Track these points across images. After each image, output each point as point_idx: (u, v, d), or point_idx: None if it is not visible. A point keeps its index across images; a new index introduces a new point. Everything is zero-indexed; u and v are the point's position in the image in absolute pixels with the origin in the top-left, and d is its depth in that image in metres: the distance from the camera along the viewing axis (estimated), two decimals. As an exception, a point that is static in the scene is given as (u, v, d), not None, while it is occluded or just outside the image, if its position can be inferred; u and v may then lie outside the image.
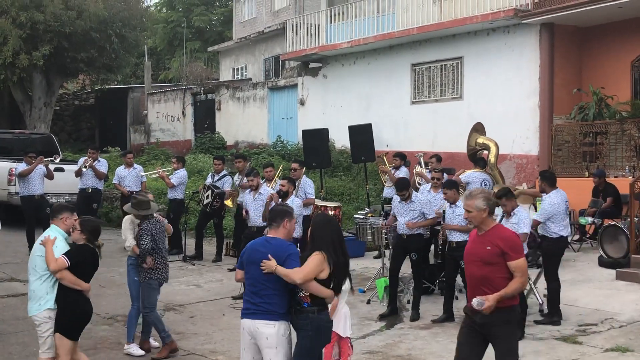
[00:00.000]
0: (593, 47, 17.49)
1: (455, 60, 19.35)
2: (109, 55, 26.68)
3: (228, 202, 14.28)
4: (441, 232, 10.64)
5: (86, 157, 15.48)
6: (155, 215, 8.81)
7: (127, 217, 8.97)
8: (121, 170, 15.52)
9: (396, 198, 10.71)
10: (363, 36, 21.40)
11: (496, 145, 13.98)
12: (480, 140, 14.28)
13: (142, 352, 8.55)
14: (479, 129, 14.59)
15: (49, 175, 14.89)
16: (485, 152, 14.02)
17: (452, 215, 10.13)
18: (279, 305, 5.86)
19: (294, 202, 11.20)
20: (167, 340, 8.49)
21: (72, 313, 6.80)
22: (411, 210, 10.39)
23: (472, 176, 12.48)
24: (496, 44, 18.20)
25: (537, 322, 9.83)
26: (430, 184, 11.99)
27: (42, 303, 6.82)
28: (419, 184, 13.17)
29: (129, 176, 15.33)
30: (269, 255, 5.85)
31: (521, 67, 17.62)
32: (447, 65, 19.58)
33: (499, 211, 10.38)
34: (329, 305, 6.21)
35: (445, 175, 13.84)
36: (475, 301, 5.79)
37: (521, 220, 9.43)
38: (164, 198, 16.74)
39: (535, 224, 10.01)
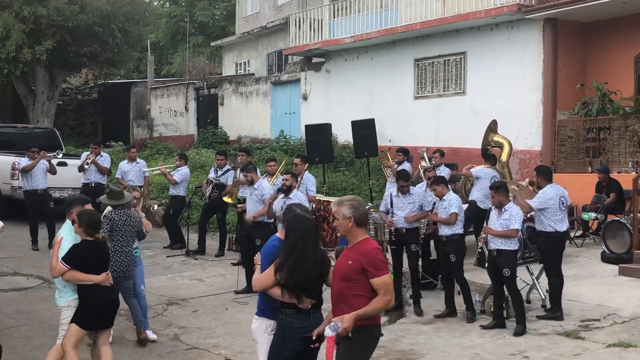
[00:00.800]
0: (597, 43, 17.45)
1: (458, 55, 19.32)
2: (112, 49, 26.69)
3: (227, 199, 14.22)
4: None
5: (88, 153, 15.51)
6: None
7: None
8: (124, 164, 15.53)
9: (392, 193, 10.73)
10: (366, 31, 21.37)
11: (510, 144, 14.06)
12: (496, 138, 14.37)
13: None
14: (493, 127, 14.65)
15: (52, 170, 14.92)
16: (497, 149, 14.06)
17: (440, 210, 10.20)
18: (264, 302, 5.98)
19: (297, 196, 11.18)
20: None
21: (91, 306, 6.87)
22: (410, 203, 10.43)
23: (482, 172, 12.53)
24: (499, 39, 18.17)
25: (539, 317, 9.84)
26: (425, 182, 12.02)
27: (61, 294, 7.01)
28: (429, 178, 13.12)
29: (132, 171, 15.34)
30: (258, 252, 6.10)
31: (524, 63, 17.60)
32: (450, 61, 19.55)
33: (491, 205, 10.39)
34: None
35: (448, 170, 13.89)
36: (327, 329, 5.37)
37: (512, 216, 9.40)
38: (166, 193, 16.75)
39: (528, 209, 9.96)
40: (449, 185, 11.07)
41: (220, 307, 10.68)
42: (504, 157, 13.81)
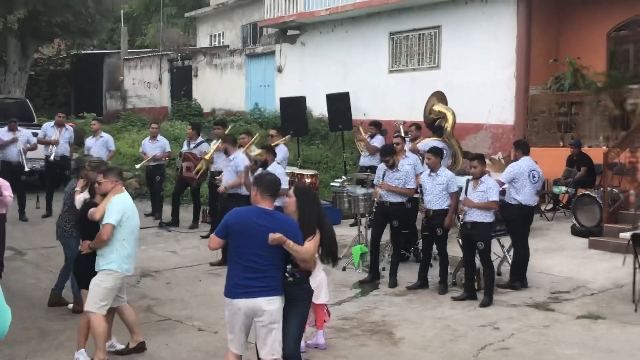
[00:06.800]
0: (570, 18, 17.54)
1: (433, 29, 19.31)
2: (85, 19, 26.34)
3: (204, 160, 13.96)
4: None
5: (52, 125, 15.27)
6: None
7: None
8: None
9: (381, 166, 10.70)
10: (341, 4, 21.25)
11: (453, 114, 13.72)
12: (437, 108, 14.04)
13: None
14: (437, 96, 14.40)
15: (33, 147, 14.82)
16: (441, 119, 13.95)
17: (432, 184, 10.12)
18: (278, 279, 5.79)
19: (275, 169, 11.16)
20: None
21: None
22: (397, 178, 10.40)
23: (430, 144, 12.28)
24: (474, 13, 18.18)
25: (498, 286, 9.93)
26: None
27: None
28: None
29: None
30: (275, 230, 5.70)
31: (498, 37, 17.62)
32: (425, 34, 19.54)
33: (462, 180, 10.40)
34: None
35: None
36: None
37: (490, 188, 9.47)
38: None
39: (499, 184, 10.05)
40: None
41: (193, 279, 10.70)
42: (448, 127, 13.65)
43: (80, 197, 8.38)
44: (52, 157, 14.90)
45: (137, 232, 7.33)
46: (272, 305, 5.68)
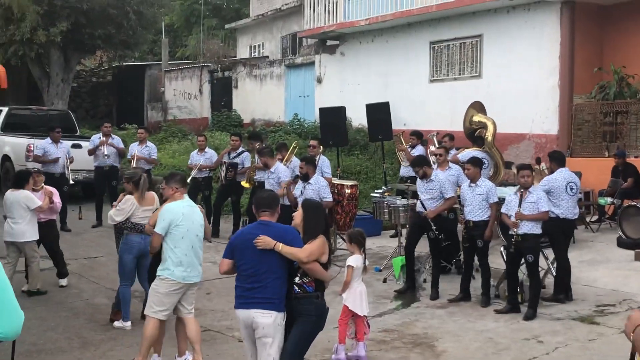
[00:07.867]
0: (614, 26, 17.26)
1: (474, 38, 19.15)
2: (126, 31, 26.63)
3: (244, 184, 14.24)
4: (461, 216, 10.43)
5: (100, 137, 15.59)
6: None
7: None
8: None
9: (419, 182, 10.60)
10: (381, 13, 21.17)
11: (494, 123, 13.60)
12: (476, 118, 13.98)
13: None
14: (476, 107, 14.33)
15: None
16: (481, 130, 13.85)
17: (471, 195, 10.00)
18: (277, 293, 5.70)
19: (318, 181, 11.17)
20: None
21: None
22: (430, 189, 10.28)
23: (470, 155, 12.20)
24: (516, 22, 17.99)
25: (543, 299, 9.76)
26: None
27: None
28: (434, 162, 13.05)
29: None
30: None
31: (541, 46, 17.42)
32: (466, 44, 19.39)
33: (510, 191, 10.25)
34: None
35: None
36: None
37: (540, 198, 9.33)
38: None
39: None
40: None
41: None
42: (489, 137, 13.52)
43: (110, 212, 8.72)
44: (105, 152, 15.21)
45: (193, 238, 7.16)
46: (265, 319, 5.65)
